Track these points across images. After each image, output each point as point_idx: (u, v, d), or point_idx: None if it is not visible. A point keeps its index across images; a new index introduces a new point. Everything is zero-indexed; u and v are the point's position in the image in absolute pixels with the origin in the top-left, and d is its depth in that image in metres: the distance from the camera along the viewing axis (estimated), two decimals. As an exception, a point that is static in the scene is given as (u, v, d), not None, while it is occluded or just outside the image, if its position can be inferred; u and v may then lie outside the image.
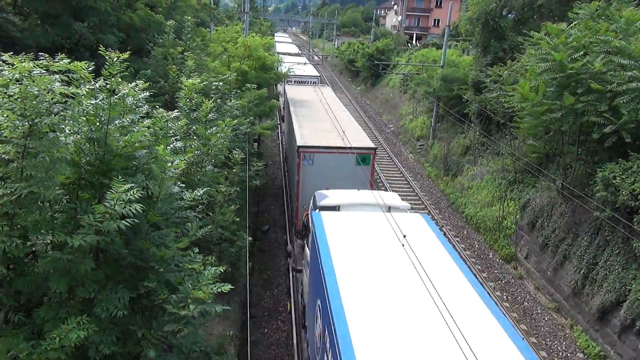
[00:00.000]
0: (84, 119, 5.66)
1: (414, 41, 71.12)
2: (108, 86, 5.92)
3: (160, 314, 5.91)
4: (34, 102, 5.17)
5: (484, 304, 8.17)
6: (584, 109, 15.61)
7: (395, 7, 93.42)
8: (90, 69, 5.90)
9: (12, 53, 5.56)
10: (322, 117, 21.48)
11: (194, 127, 11.44)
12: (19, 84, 5.19)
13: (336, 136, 18.18)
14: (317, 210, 13.12)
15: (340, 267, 8.93)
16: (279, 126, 34.01)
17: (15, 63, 5.30)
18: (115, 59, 6.01)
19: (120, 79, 6.08)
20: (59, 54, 5.94)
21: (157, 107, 9.63)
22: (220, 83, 16.23)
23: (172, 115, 8.48)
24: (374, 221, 11.19)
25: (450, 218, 24.35)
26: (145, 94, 6.57)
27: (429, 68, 34.29)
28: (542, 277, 18.10)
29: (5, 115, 5.13)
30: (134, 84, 6.46)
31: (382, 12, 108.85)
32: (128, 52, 6.41)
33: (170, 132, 8.68)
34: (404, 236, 9.24)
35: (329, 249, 9.69)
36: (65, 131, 5.63)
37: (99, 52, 6.28)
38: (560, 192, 18.27)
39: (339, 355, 6.83)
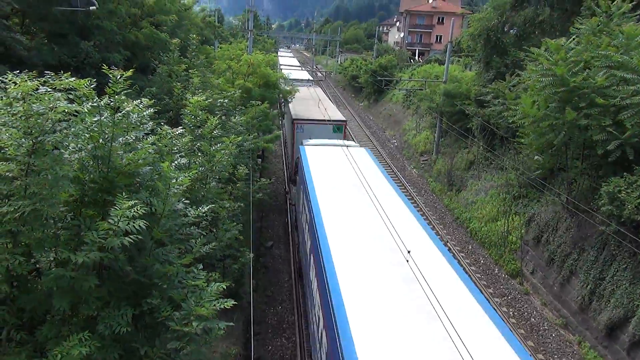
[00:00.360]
0: (87, 136, 5.68)
1: (416, 57, 71.64)
2: (112, 104, 5.95)
3: (163, 331, 5.85)
4: (39, 121, 5.20)
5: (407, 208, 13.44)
6: (587, 124, 15.60)
7: (397, 23, 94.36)
8: (93, 85, 5.94)
9: (18, 71, 5.61)
10: (311, 103, 29.17)
11: (198, 144, 11.49)
12: (23, 102, 5.23)
13: (319, 113, 25.79)
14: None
15: (315, 173, 15.43)
16: (280, 121, 36.24)
17: (18, 82, 5.34)
18: (119, 77, 6.05)
19: (124, 97, 6.12)
20: (62, 71, 5.99)
21: (162, 123, 9.69)
22: (226, 100, 16.38)
23: (177, 132, 8.53)
24: (336, 152, 18.19)
25: (455, 233, 24.22)
26: (149, 110, 6.60)
27: (432, 84, 34.46)
28: (548, 292, 17.91)
29: (9, 133, 5.16)
30: (138, 101, 6.51)
31: (385, 28, 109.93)
32: (132, 70, 6.46)
33: (175, 148, 8.73)
34: (409, 252, 9.41)
35: (309, 164, 16.50)
36: (69, 148, 5.65)
37: (103, 70, 6.34)
38: (565, 206, 18.18)
39: (310, 202, 13.05)
